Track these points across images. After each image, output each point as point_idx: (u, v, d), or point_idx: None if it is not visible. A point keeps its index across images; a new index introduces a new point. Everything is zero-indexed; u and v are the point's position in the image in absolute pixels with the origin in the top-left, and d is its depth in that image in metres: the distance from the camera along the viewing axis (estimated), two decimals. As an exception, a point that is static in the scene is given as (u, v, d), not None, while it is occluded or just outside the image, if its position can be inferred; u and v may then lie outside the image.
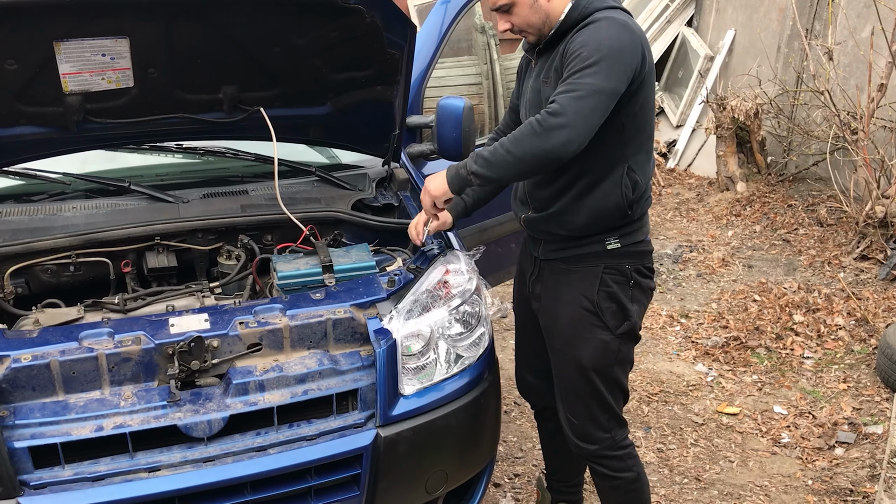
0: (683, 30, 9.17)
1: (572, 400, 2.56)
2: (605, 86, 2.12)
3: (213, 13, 2.42)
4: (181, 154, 3.04)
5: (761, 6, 8.14)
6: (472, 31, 7.39)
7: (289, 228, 2.72)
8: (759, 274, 5.73)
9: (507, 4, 2.30)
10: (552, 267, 2.53)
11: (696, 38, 8.94)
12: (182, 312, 2.24)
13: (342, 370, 2.21)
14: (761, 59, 7.63)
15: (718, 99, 7.15)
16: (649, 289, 2.55)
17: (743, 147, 7.34)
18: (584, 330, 2.45)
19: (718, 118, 7.13)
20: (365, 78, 2.78)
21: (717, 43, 8.72)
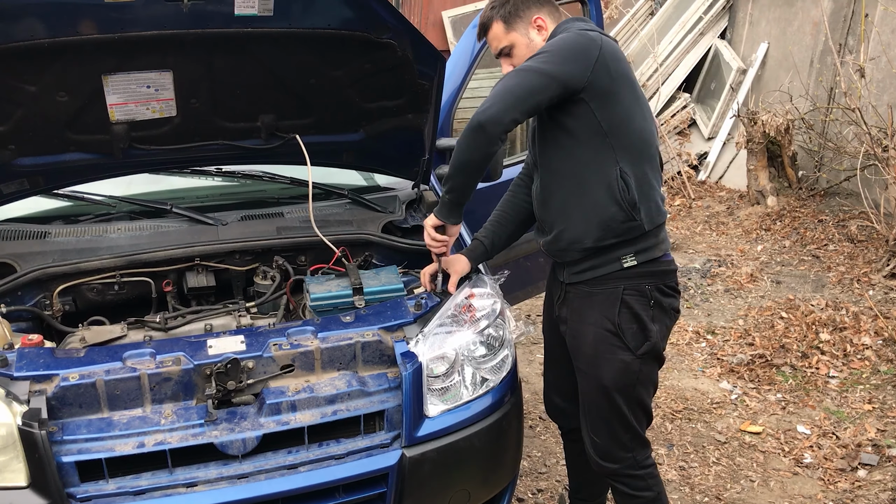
0: (716, 42, 9.18)
1: (595, 419, 2.63)
2: (540, 67, 2.27)
3: (253, 47, 2.55)
4: (221, 177, 3.17)
5: (795, 20, 8.12)
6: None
7: (322, 250, 2.83)
8: (787, 290, 5.74)
9: (507, 47, 2.50)
10: (576, 290, 2.58)
11: (728, 51, 8.94)
12: (220, 334, 2.36)
13: (370, 391, 2.31)
14: (794, 74, 7.62)
15: (749, 113, 7.16)
16: (672, 308, 2.58)
17: (774, 161, 7.34)
18: (605, 350, 2.51)
19: (749, 132, 7.14)
20: (396, 107, 2.89)
21: (750, 56, 8.71)
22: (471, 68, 3.82)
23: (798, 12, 8.11)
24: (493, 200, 3.93)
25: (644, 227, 2.43)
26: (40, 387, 2.11)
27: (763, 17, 8.72)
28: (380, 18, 2.49)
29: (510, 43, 2.50)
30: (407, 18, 2.64)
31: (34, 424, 2.00)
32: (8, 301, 2.52)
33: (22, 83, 2.39)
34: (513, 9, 2.50)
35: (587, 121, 2.34)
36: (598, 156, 2.38)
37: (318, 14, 2.46)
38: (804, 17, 7.97)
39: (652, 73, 9.02)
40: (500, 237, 2.79)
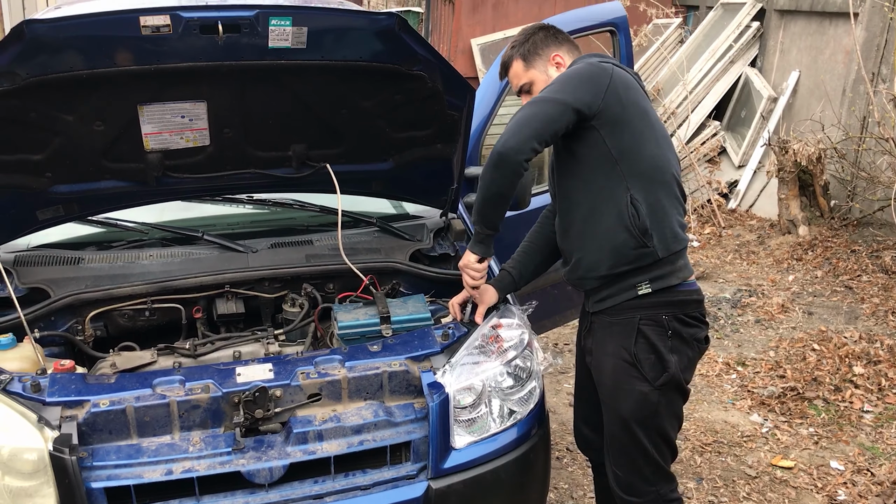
0: (747, 70, 9.14)
1: (616, 452, 2.60)
2: (554, 97, 2.33)
3: (285, 78, 2.59)
4: (252, 205, 3.21)
5: (826, 48, 8.07)
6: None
7: (350, 278, 2.85)
8: (819, 321, 5.65)
9: (527, 84, 2.60)
10: (599, 320, 2.58)
11: (759, 79, 8.90)
12: (248, 361, 2.38)
13: (396, 422, 2.31)
14: (825, 103, 7.56)
15: (780, 142, 7.10)
16: (694, 339, 2.53)
17: (805, 190, 7.27)
18: (623, 381, 2.49)
19: (780, 161, 7.07)
20: (426, 137, 2.91)
21: (781, 84, 8.66)
22: (500, 97, 3.83)
23: (830, 41, 8.06)
24: (521, 228, 3.93)
25: (657, 254, 2.42)
26: (71, 412, 2.13)
27: (794, 45, 8.67)
28: (410, 51, 2.52)
29: (529, 80, 2.59)
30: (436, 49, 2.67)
31: (65, 450, 2.02)
32: (41, 326, 2.56)
33: (60, 113, 2.44)
34: (532, 47, 2.60)
35: (598, 148, 2.39)
36: (609, 182, 2.41)
37: (349, 47, 2.49)
38: (836, 45, 7.91)
39: (681, 101, 9.00)
40: (528, 268, 2.80)
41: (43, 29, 2.15)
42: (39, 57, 2.23)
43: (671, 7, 10.89)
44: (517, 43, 2.63)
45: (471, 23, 11.00)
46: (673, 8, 10.93)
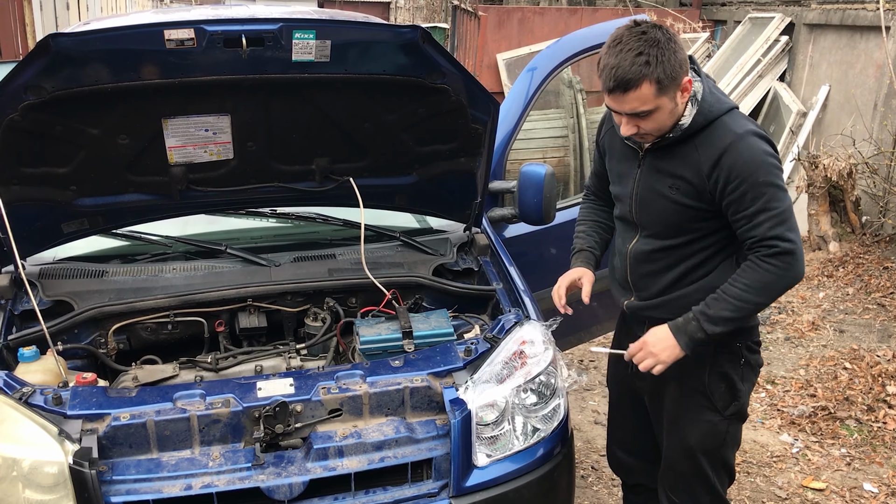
0: (775, 84, 9.05)
1: (675, 480, 2.53)
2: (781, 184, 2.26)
3: (309, 91, 2.58)
4: (275, 219, 3.21)
5: (857, 62, 7.97)
6: (560, 84, 7.50)
7: (373, 292, 2.83)
8: (850, 339, 5.54)
9: (648, 111, 2.18)
10: None
11: (788, 94, 8.81)
12: (269, 376, 2.36)
13: (418, 439, 2.27)
14: (856, 117, 7.45)
15: (810, 157, 7.01)
16: (758, 365, 2.51)
17: (836, 206, 7.16)
18: (691, 410, 2.43)
19: (810, 176, 6.98)
20: (449, 150, 2.89)
21: (811, 99, 8.56)
22: (525, 111, 3.82)
23: (861, 55, 7.96)
24: (545, 243, 3.91)
25: None
26: (92, 426, 2.12)
27: (824, 59, 8.58)
28: (434, 64, 2.50)
29: (656, 107, 2.18)
30: (461, 63, 2.64)
31: (85, 464, 2.01)
32: (65, 339, 2.57)
33: (85, 126, 2.46)
34: (670, 70, 2.14)
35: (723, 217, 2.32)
36: (723, 238, 2.37)
37: (373, 60, 2.49)
38: (867, 59, 7.81)
39: (709, 116, 8.91)
40: (602, 247, 2.79)
41: (68, 43, 2.16)
42: (65, 71, 2.24)
43: (699, 22, 10.83)
44: (652, 59, 2.11)
45: (496, 38, 11.02)
46: (700, 22, 10.86)
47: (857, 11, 7.96)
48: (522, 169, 3.35)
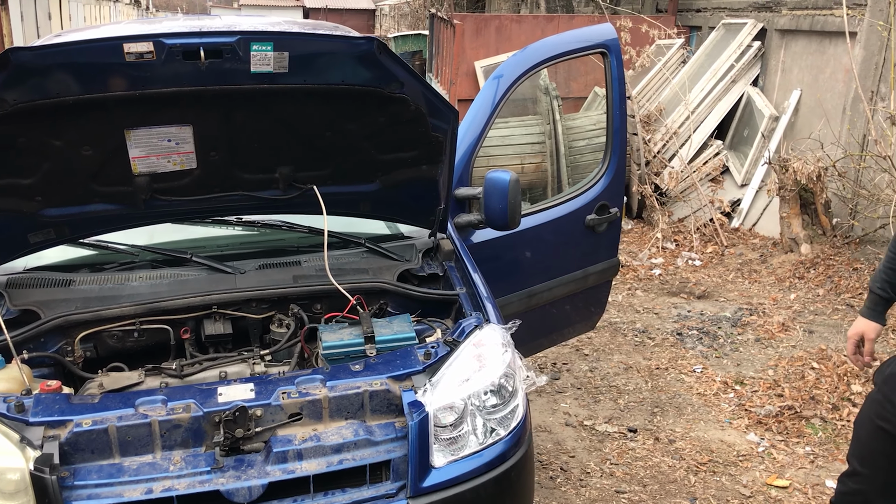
0: (749, 89, 9.16)
1: None
2: None
3: (270, 102, 2.63)
4: (241, 227, 3.25)
5: (827, 67, 8.10)
6: (537, 91, 7.59)
7: (337, 298, 2.87)
8: (819, 340, 5.63)
9: None
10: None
11: (761, 98, 8.92)
12: (230, 382, 2.41)
13: (377, 441, 2.32)
14: (826, 121, 7.57)
15: (781, 160, 7.11)
16: None
17: (807, 208, 7.26)
18: None
19: (781, 180, 7.08)
20: (411, 158, 2.95)
21: (783, 103, 8.68)
22: (491, 118, 3.87)
23: (830, 59, 8.09)
24: (513, 249, 3.97)
25: None
26: (54, 432, 2.16)
27: (795, 64, 8.70)
28: (391, 74, 2.56)
29: None
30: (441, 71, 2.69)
31: (46, 470, 2.05)
32: (31, 347, 2.60)
33: (48, 138, 2.50)
34: None
35: None
36: None
37: (331, 71, 2.54)
38: (836, 64, 7.94)
39: (684, 121, 9.02)
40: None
41: (28, 56, 2.20)
42: (26, 84, 2.28)
43: (674, 28, 10.94)
44: None
45: (474, 45, 11.09)
46: (676, 28, 10.98)
47: (825, 17, 8.09)
48: (488, 175, 3.41)
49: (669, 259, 7.71)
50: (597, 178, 4.25)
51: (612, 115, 4.24)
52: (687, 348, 5.62)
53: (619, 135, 4.24)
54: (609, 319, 6.17)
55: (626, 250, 7.96)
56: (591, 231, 4.22)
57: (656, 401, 4.81)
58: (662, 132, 9.08)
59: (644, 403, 4.79)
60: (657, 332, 5.93)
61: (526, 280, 4.12)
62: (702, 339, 5.76)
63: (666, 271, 7.41)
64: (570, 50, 4.14)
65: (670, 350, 5.60)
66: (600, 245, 4.34)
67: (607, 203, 4.24)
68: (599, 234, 4.27)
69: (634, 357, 5.49)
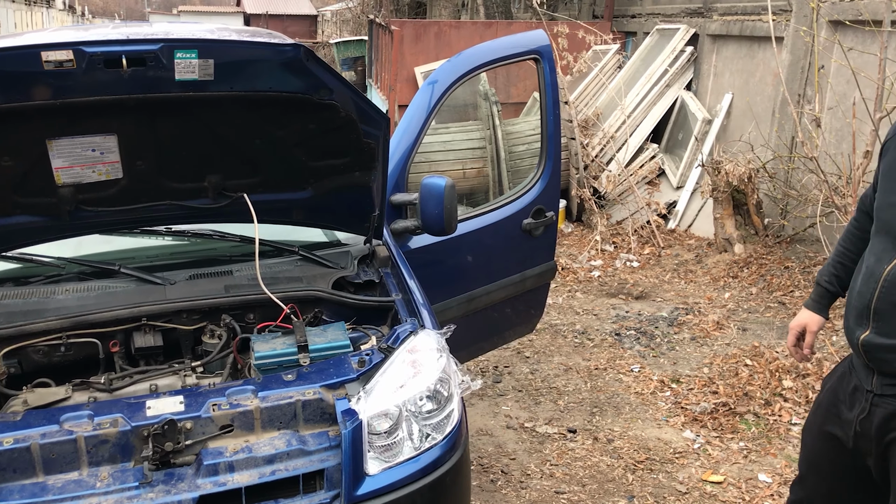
0: (682, 93, 9.37)
1: None
2: None
3: (196, 110, 2.60)
4: (170, 237, 3.20)
5: (757, 71, 8.32)
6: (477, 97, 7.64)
7: (270, 307, 2.84)
8: (753, 337, 5.78)
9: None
10: (886, 403, 2.22)
11: (694, 102, 9.13)
12: (159, 395, 2.37)
13: (310, 450, 2.31)
14: (756, 124, 7.78)
15: (713, 163, 7.29)
16: None
17: (740, 209, 7.45)
18: None
19: (714, 182, 7.25)
20: (343, 165, 2.94)
21: (715, 107, 8.90)
22: (426, 124, 3.88)
23: (759, 64, 8.32)
24: (451, 254, 3.99)
25: None
26: None
27: (727, 68, 8.93)
28: (320, 81, 2.55)
29: None
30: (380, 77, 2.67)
31: (-36, 491, 1.98)
32: (-50, 366, 2.52)
33: (-35, 149, 2.42)
34: None
35: None
36: None
37: (258, 78, 2.52)
38: (765, 68, 8.17)
39: (620, 125, 9.18)
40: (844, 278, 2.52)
41: (-60, 65, 2.14)
42: None
43: (610, 34, 11.13)
44: None
45: (414, 51, 11.12)
46: (611, 34, 11.17)
47: (754, 23, 8.32)
48: (423, 181, 3.42)
49: (608, 261, 7.82)
50: (533, 182, 4.29)
51: (547, 121, 4.29)
52: (625, 348, 5.71)
53: (553, 140, 4.30)
54: (549, 321, 6.23)
55: (567, 253, 8.06)
56: (528, 235, 4.26)
57: (595, 401, 4.88)
58: (600, 136, 9.22)
59: (583, 404, 4.85)
60: (596, 333, 6.01)
61: (465, 284, 4.14)
62: (639, 339, 5.86)
63: (605, 273, 7.52)
64: (504, 56, 4.18)
65: (609, 350, 5.68)
66: (537, 248, 4.38)
67: (543, 207, 4.29)
68: (536, 238, 4.32)
69: (574, 358, 5.56)
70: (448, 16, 16.06)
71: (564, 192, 8.85)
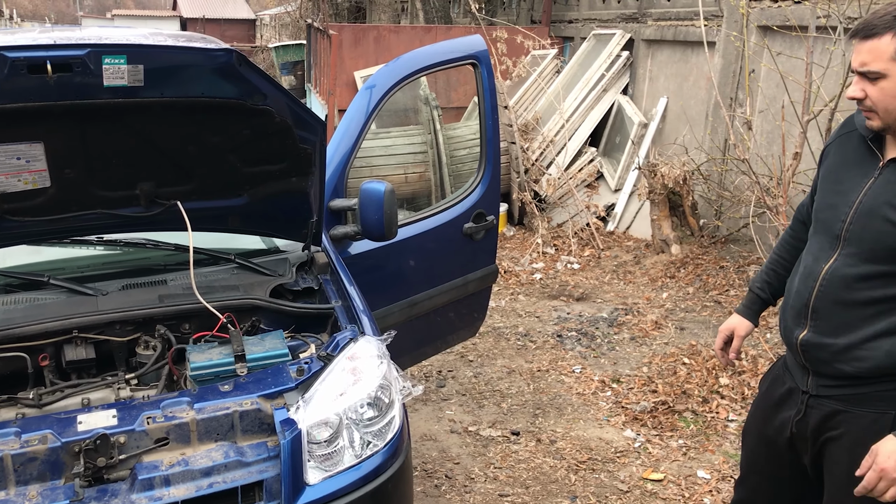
0: (619, 98, 9.52)
1: None
2: None
3: (126, 116, 2.54)
4: (102, 246, 3.12)
5: (690, 75, 8.51)
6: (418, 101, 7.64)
7: (207, 317, 2.79)
8: (690, 336, 5.89)
9: (876, 73, 2.03)
10: (821, 404, 2.24)
11: (630, 106, 9.28)
12: (92, 409, 2.30)
13: (248, 462, 2.27)
14: (691, 127, 7.95)
15: (650, 166, 7.43)
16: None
17: (676, 211, 7.61)
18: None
19: (651, 184, 7.39)
20: (279, 171, 2.91)
21: (651, 110, 9.06)
22: (364, 128, 3.87)
23: (693, 68, 8.50)
24: (392, 260, 3.98)
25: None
26: None
27: (661, 72, 9.10)
28: (253, 86, 2.51)
29: (882, 71, 2.02)
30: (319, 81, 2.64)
31: None
32: None
33: None
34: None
35: None
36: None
37: (190, 83, 2.47)
38: (698, 72, 8.35)
39: (559, 129, 9.28)
40: (779, 289, 2.54)
41: None
42: None
43: (548, 38, 11.26)
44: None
45: (353, 56, 11.07)
46: (549, 39, 11.30)
47: (687, 28, 8.50)
48: (362, 187, 3.40)
49: (550, 263, 7.90)
50: (473, 186, 4.31)
51: (486, 125, 4.32)
52: (567, 349, 5.77)
53: (492, 144, 4.32)
54: (492, 325, 6.26)
55: (509, 256, 8.11)
56: (469, 239, 4.28)
57: (538, 402, 4.92)
58: (540, 140, 9.32)
59: (526, 406, 4.88)
60: (538, 335, 6.06)
61: (407, 290, 4.13)
62: (580, 340, 5.93)
63: (546, 275, 7.59)
64: (442, 61, 4.19)
65: (551, 352, 5.74)
66: (479, 252, 4.40)
67: (484, 211, 4.31)
68: (477, 242, 4.33)
69: (517, 361, 5.59)
70: (387, 20, 16.04)
71: (505, 195, 8.91)
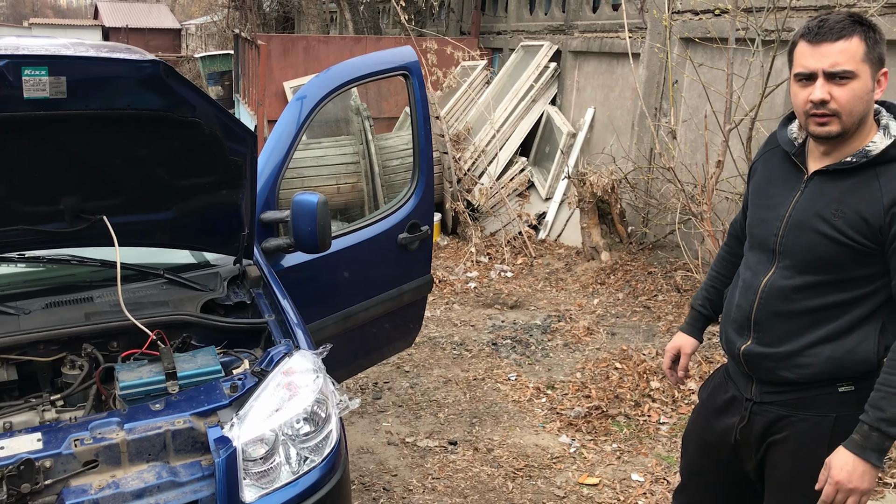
0: (548, 108, 9.67)
1: None
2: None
3: (49, 130, 2.46)
4: (24, 263, 3.01)
5: (616, 86, 8.70)
6: (349, 112, 7.60)
7: (135, 334, 2.72)
8: (621, 341, 6.00)
9: (849, 73, 2.02)
10: (765, 411, 2.28)
11: (559, 116, 9.43)
12: (14, 433, 2.21)
13: (182, 482, 2.21)
14: (617, 137, 8.13)
15: (579, 174, 7.56)
16: None
17: (605, 219, 7.75)
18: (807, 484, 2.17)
19: (580, 192, 7.52)
20: (209, 183, 2.85)
21: (579, 120, 9.23)
22: (296, 140, 3.83)
23: (619, 79, 8.70)
24: (326, 272, 3.94)
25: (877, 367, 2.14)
26: None
27: (588, 83, 9.28)
28: (181, 98, 2.46)
29: (855, 71, 2.02)
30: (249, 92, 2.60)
31: None
32: None
33: None
34: (879, 40, 2.06)
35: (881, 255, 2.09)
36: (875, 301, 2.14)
37: (116, 95, 2.41)
38: (624, 83, 8.55)
39: (490, 139, 9.37)
40: (718, 304, 2.57)
41: None
42: None
43: (477, 50, 11.36)
44: (867, 24, 2.05)
45: (282, 66, 10.97)
46: (479, 50, 11.40)
47: (612, 40, 8.70)
48: (295, 198, 3.36)
49: (483, 272, 7.95)
50: (407, 197, 4.31)
51: (418, 136, 4.33)
52: (502, 357, 5.81)
53: (425, 154, 4.33)
54: (428, 334, 6.26)
55: (443, 265, 8.13)
56: (404, 249, 4.27)
57: (475, 411, 4.94)
58: (471, 150, 9.38)
59: (463, 415, 4.89)
60: (474, 344, 6.09)
61: (342, 301, 4.10)
62: (515, 348, 5.98)
63: (481, 284, 7.64)
64: (373, 72, 4.18)
65: (486, 360, 5.77)
66: (414, 263, 4.40)
67: (418, 221, 4.31)
68: (412, 252, 4.33)
69: (453, 370, 5.60)
70: (316, 30, 15.95)
71: (439, 205, 8.95)
